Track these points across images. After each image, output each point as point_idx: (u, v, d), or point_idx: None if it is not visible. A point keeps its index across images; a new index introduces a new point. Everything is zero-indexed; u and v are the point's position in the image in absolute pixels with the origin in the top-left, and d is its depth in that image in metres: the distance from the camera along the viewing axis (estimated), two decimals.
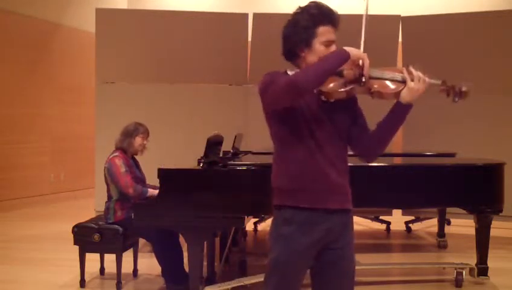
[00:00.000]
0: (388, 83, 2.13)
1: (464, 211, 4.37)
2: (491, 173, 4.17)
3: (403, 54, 6.45)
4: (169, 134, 5.97)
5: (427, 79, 2.08)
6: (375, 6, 9.55)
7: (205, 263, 4.03)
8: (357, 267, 4.21)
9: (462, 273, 4.17)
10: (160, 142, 5.82)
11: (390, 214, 6.31)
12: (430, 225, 6.32)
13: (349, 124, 2.18)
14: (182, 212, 3.58)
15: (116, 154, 4.15)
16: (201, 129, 3.48)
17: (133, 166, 4.23)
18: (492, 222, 4.17)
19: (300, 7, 2.15)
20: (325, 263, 2.13)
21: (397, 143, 6.54)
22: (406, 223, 6.28)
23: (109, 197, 4.18)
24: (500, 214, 4.23)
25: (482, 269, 4.17)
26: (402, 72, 2.12)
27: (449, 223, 6.32)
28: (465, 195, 4.13)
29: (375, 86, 2.11)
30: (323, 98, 2.11)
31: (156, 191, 3.79)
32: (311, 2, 2.15)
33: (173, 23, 6.13)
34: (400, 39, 6.45)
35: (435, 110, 6.08)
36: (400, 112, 2.10)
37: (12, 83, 8.01)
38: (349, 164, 2.25)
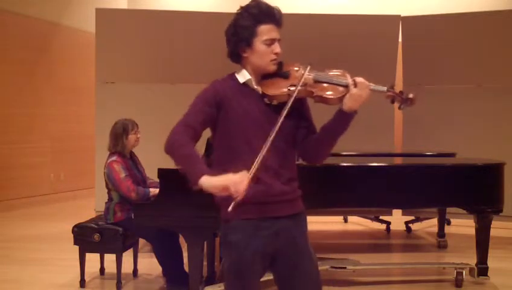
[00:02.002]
0: (332, 87, 2.05)
1: (464, 211, 4.36)
2: (491, 173, 4.16)
3: (403, 54, 6.45)
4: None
5: (371, 85, 2.02)
6: (375, 6, 9.58)
7: (205, 263, 4.03)
8: (357, 267, 4.26)
9: (462, 273, 4.17)
10: (160, 142, 5.80)
11: (390, 214, 6.31)
12: (430, 225, 6.32)
13: (295, 127, 2.10)
14: (182, 212, 3.58)
15: (114, 158, 4.10)
16: None
17: (132, 167, 4.20)
18: (492, 222, 4.17)
19: (241, 7, 2.10)
20: (286, 267, 2.10)
21: (398, 143, 6.54)
22: (406, 223, 6.27)
23: (110, 198, 4.17)
24: (500, 214, 4.23)
25: (482, 269, 4.16)
26: (345, 77, 2.05)
27: (449, 223, 6.31)
28: (465, 195, 4.13)
29: (318, 90, 2.04)
30: (266, 100, 2.06)
31: (157, 190, 3.78)
32: (252, 1, 2.09)
33: (173, 23, 6.12)
34: (400, 39, 6.45)
35: (435, 110, 6.09)
36: (342, 119, 2.03)
37: (12, 83, 8.01)
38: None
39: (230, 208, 1.87)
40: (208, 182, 1.91)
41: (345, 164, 4.04)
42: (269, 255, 2.08)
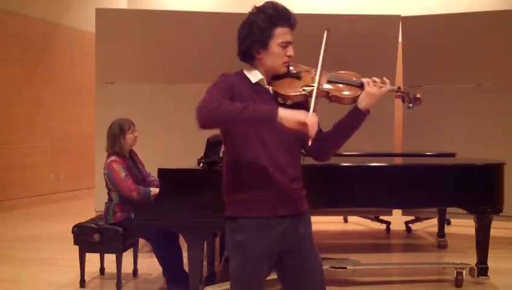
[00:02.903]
0: (347, 87, 2.09)
1: (464, 211, 4.36)
2: (491, 173, 4.16)
3: (403, 54, 6.45)
4: (169, 134, 5.96)
5: (383, 85, 2.08)
6: (375, 6, 9.59)
7: (205, 263, 4.03)
8: (357, 267, 4.26)
9: (462, 273, 4.17)
10: (160, 142, 5.82)
11: (390, 214, 6.31)
12: (430, 225, 6.32)
13: None
14: (182, 212, 3.57)
15: (113, 158, 4.09)
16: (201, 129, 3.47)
17: (132, 166, 4.19)
18: (492, 222, 4.17)
19: (256, 7, 2.10)
20: (290, 266, 2.11)
21: (398, 143, 6.54)
22: (406, 223, 6.27)
23: (110, 199, 4.16)
24: (500, 214, 4.23)
25: (482, 269, 4.16)
26: (359, 77, 2.10)
27: (449, 223, 6.32)
28: (465, 195, 4.13)
29: (334, 90, 2.07)
30: (280, 100, 2.08)
31: (158, 190, 3.78)
32: (267, 2, 2.09)
33: (173, 23, 6.12)
34: (400, 39, 6.45)
35: (435, 110, 6.09)
36: (357, 118, 2.08)
37: (12, 83, 8.02)
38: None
39: (310, 143, 1.89)
40: (288, 113, 1.85)
41: (345, 164, 4.03)
42: (276, 254, 2.09)
